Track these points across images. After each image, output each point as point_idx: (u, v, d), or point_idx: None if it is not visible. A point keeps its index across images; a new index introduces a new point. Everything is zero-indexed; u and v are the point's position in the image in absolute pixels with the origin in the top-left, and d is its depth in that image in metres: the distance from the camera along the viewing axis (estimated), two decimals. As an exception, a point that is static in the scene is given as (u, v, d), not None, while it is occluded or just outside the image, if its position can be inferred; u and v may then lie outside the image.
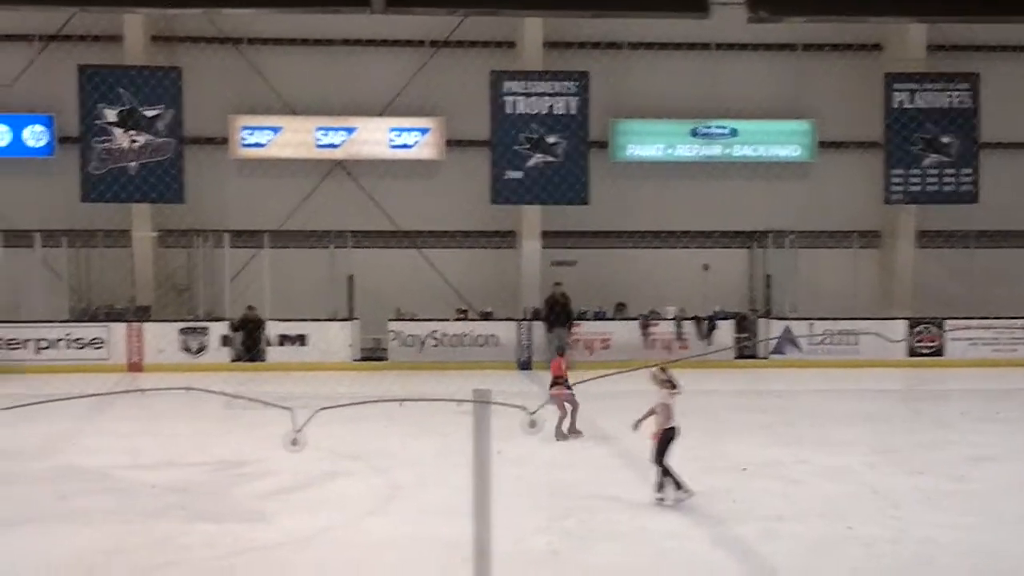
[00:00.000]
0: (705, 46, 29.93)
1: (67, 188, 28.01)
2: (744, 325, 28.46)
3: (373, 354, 27.85)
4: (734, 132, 29.62)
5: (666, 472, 12.98)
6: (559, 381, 17.39)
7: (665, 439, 12.97)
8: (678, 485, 12.94)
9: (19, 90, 28.64)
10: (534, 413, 8.41)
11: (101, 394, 17.77)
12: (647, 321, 27.65)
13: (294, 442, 7.76)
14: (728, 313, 28.30)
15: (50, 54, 28.71)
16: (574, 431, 17.23)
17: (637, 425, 13.18)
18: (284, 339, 26.95)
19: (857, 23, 26.70)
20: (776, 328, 27.66)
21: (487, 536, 7.97)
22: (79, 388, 20.38)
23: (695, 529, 12.19)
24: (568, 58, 29.24)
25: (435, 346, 27.27)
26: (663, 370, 13.21)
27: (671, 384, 13.04)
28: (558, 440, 17.03)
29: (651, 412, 13.10)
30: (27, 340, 26.26)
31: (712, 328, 27.55)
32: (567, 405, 17.12)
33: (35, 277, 27.14)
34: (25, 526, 12.42)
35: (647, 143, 29.58)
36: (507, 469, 12.92)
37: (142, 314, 27.70)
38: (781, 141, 29.90)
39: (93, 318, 27.53)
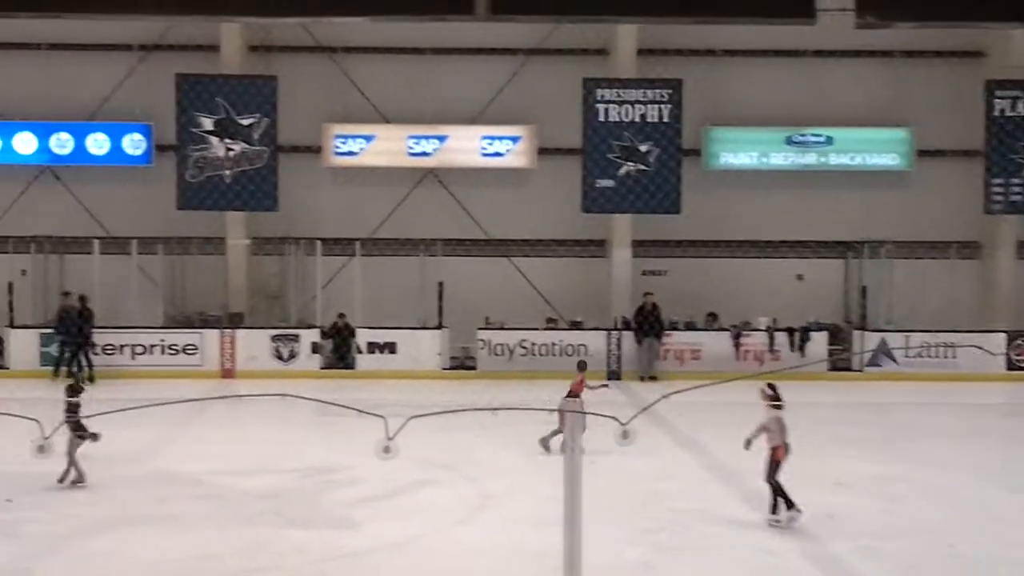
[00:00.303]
0: (801, 53, 29.51)
1: (164, 196, 28.39)
2: (838, 337, 27.97)
3: (462, 363, 27.83)
4: (830, 140, 29.18)
5: (778, 491, 12.56)
6: (573, 395, 17.15)
7: (779, 456, 12.55)
8: (789, 504, 12.52)
9: (118, 99, 29.17)
10: (627, 424, 8.28)
11: (199, 399, 18.01)
12: (739, 332, 27.29)
13: (386, 450, 7.71)
14: (822, 324, 27.82)
15: (149, 63, 29.19)
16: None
17: (749, 444, 12.70)
18: (374, 347, 27.02)
19: (963, 29, 26.16)
20: (871, 340, 27.11)
21: (578, 547, 7.88)
22: (175, 394, 20.63)
23: (790, 545, 11.96)
24: (661, 65, 29.01)
25: (524, 355, 27.16)
26: (771, 386, 12.77)
27: (777, 400, 12.62)
28: (543, 448, 16.84)
29: (763, 429, 12.66)
30: (123, 346, 26.62)
31: (805, 340, 27.10)
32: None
33: (132, 284, 27.55)
34: (120, 529, 12.57)
35: (741, 151, 29.24)
36: (598, 480, 12.77)
37: (235, 321, 27.97)
38: (878, 149, 29.37)
39: (187, 324, 27.86)
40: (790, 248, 29.61)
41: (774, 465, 12.56)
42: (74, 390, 14.73)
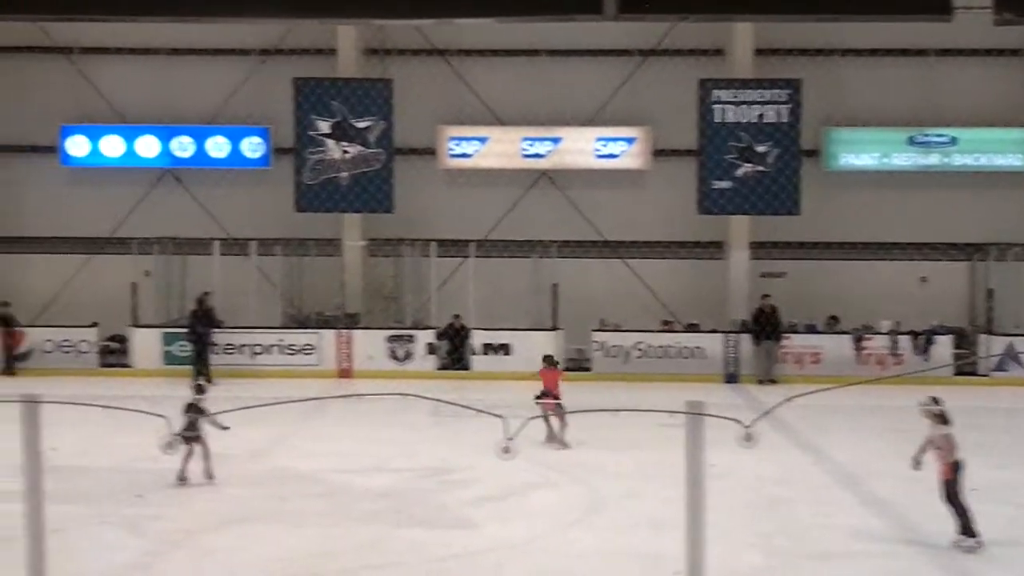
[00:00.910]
0: (923, 52, 28.83)
1: (282, 198, 28.75)
2: (964, 341, 27.25)
3: (577, 364, 27.69)
4: (954, 140, 28.45)
5: (960, 511, 11.75)
6: (553, 395, 17.62)
7: (954, 473, 11.74)
8: (971, 530, 11.70)
9: (237, 103, 29.64)
10: (750, 427, 8.10)
11: (321, 398, 18.25)
12: (860, 335, 26.74)
13: (506, 450, 7.65)
14: (947, 328, 27.15)
15: (267, 68, 29.61)
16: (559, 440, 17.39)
17: (918, 463, 11.96)
18: (488, 348, 27.03)
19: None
20: (998, 344, 26.36)
21: (701, 551, 7.72)
22: (293, 393, 20.87)
23: (914, 552, 11.67)
24: (778, 65, 28.59)
25: (639, 357, 26.94)
26: (935, 401, 11.96)
27: (943, 418, 11.80)
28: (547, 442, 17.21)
29: (929, 445, 11.87)
30: (242, 345, 27.03)
31: (929, 343, 26.46)
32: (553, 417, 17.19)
33: (250, 284, 27.94)
34: (241, 526, 12.73)
35: (861, 152, 28.66)
36: (717, 483, 12.55)
37: (351, 321, 28.22)
38: (1004, 150, 28.55)
39: (304, 325, 28.17)
40: (916, 250, 28.95)
41: (947, 484, 11.76)
42: (200, 389, 15.05)
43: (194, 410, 14.32)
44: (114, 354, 27.81)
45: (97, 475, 15.30)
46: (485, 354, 26.90)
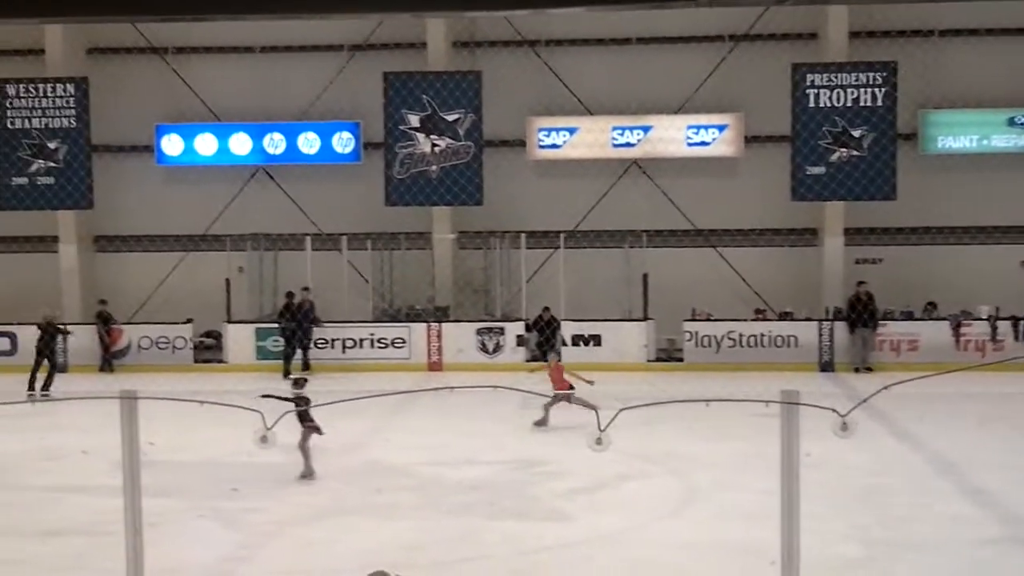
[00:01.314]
0: (1022, 30, 28.14)
1: (371, 192, 28.91)
2: (1067, 326, 26.62)
3: (668, 354, 27.51)
4: (1055, 121, 27.78)
5: None
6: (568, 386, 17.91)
7: None
8: None
9: (328, 99, 29.84)
10: (846, 416, 7.96)
11: (413, 391, 18.33)
12: (959, 321, 26.20)
13: (599, 441, 7.60)
14: (1049, 313, 26.53)
15: (357, 63, 29.76)
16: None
17: None
18: (578, 339, 26.90)
19: None
20: (1103, 330, 25.70)
21: (796, 541, 7.61)
22: (386, 387, 20.99)
23: (1016, 543, 11.37)
24: (873, 47, 28.08)
25: (732, 347, 26.67)
26: None
27: None
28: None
29: None
30: (334, 340, 27.22)
31: (1031, 329, 25.88)
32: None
33: (342, 279, 28.14)
34: (337, 518, 12.84)
35: (960, 134, 28.05)
36: (813, 473, 12.39)
37: (441, 314, 28.29)
38: (1107, 130, 27.82)
39: (394, 318, 28.31)
40: (1017, 233, 28.31)
41: None
42: (299, 383, 15.16)
43: (303, 401, 14.36)
44: (209, 350, 28.23)
45: (193, 469, 15.54)
46: (576, 345, 26.78)
